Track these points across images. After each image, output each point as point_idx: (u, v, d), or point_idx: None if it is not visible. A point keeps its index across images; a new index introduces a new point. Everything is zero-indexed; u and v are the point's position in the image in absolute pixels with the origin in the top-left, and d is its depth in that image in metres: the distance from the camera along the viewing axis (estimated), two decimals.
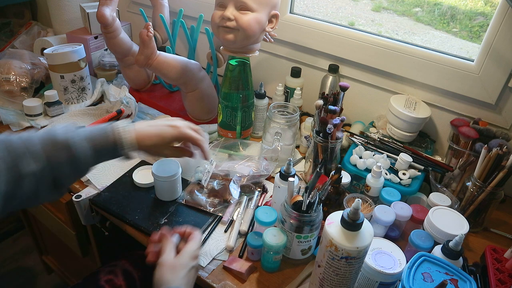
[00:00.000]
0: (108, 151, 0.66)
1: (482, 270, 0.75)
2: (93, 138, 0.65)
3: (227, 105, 0.98)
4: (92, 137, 0.65)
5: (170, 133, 0.71)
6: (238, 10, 0.85)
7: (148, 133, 0.69)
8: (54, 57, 1.10)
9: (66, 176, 0.63)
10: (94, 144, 0.64)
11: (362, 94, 1.15)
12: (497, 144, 0.80)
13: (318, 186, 0.71)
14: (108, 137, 0.66)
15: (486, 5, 1.03)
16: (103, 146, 0.65)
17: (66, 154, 0.61)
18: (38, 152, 0.60)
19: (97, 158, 0.66)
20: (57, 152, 0.61)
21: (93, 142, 0.64)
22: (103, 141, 0.65)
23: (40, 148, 0.60)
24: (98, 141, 0.65)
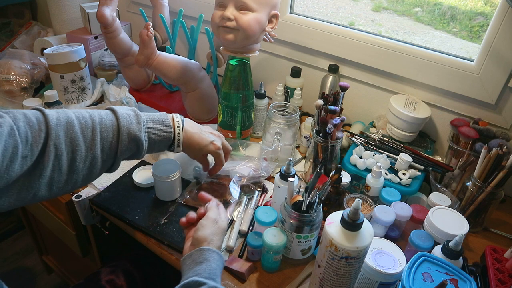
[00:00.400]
0: (163, 145, 0.73)
1: (482, 270, 0.75)
2: (153, 130, 0.70)
3: (227, 105, 0.98)
4: (152, 129, 0.70)
5: (209, 148, 0.80)
6: (238, 10, 0.85)
7: (193, 139, 0.77)
8: (54, 57, 1.10)
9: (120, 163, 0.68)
10: (152, 137, 0.70)
11: (362, 94, 1.15)
12: (497, 144, 0.80)
13: (318, 186, 0.71)
14: (167, 133, 0.72)
15: (486, 5, 1.03)
16: (161, 140, 0.71)
17: (132, 147, 0.67)
18: (111, 141, 0.64)
19: (151, 149, 0.71)
20: (126, 145, 0.66)
21: (151, 134, 0.70)
22: (161, 135, 0.71)
23: (112, 137, 0.64)
24: (156, 133, 0.70)
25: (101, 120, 0.63)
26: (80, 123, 0.61)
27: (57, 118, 0.59)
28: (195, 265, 0.60)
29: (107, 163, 0.65)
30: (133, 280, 0.89)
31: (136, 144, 0.67)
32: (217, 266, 0.61)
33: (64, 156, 0.58)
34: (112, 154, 0.65)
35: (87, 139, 0.61)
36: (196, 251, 0.62)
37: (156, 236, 0.78)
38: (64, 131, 0.59)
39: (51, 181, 0.58)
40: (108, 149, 0.64)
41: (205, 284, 0.56)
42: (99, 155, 0.62)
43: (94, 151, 0.61)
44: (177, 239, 0.77)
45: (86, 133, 0.61)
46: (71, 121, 0.60)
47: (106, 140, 0.63)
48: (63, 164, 0.58)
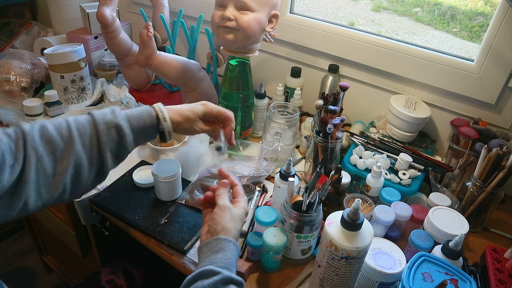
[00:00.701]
0: (149, 129, 0.67)
1: (482, 270, 0.75)
2: (132, 116, 0.66)
3: (227, 105, 0.98)
4: (131, 115, 0.66)
5: (201, 108, 0.73)
6: (238, 10, 0.85)
7: (180, 109, 0.71)
8: (54, 57, 1.10)
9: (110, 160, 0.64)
10: (134, 123, 0.66)
11: (362, 94, 1.15)
12: (497, 144, 0.80)
13: (318, 186, 0.71)
14: (148, 112, 0.68)
15: (486, 5, 1.03)
16: (144, 123, 0.67)
17: (114, 134, 0.64)
18: (90, 134, 0.62)
19: (138, 135, 0.67)
20: (106, 134, 0.63)
21: (132, 120, 0.66)
22: (142, 118, 0.67)
23: (89, 131, 0.62)
24: (137, 118, 0.67)
25: (75, 119, 0.63)
26: (54, 125, 0.61)
27: (31, 125, 0.61)
28: (211, 254, 0.60)
29: (93, 161, 0.62)
30: (133, 280, 0.89)
31: (117, 130, 0.64)
32: (233, 256, 0.61)
33: (45, 158, 0.58)
34: (95, 149, 0.62)
35: (64, 137, 0.60)
36: (213, 240, 0.62)
37: (156, 236, 0.78)
38: (39, 133, 0.59)
39: (38, 185, 0.57)
40: (89, 144, 0.62)
41: (220, 273, 0.56)
42: (82, 151, 0.60)
43: (75, 147, 0.60)
44: (177, 239, 0.77)
45: (62, 132, 0.61)
46: (44, 125, 0.61)
47: (85, 135, 0.62)
48: (47, 167, 0.58)
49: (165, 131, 0.68)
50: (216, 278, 0.56)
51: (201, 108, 0.73)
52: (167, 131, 0.68)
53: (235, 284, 0.57)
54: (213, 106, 0.74)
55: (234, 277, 0.58)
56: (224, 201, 0.67)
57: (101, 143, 0.62)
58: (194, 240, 0.78)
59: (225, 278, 0.56)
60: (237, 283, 0.58)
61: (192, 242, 0.77)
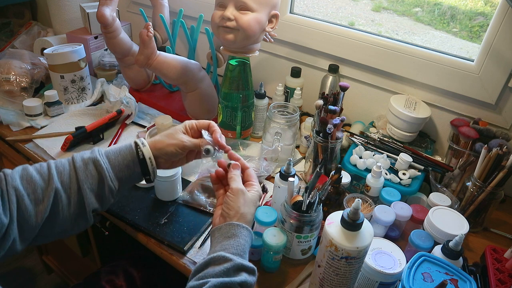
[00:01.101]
0: (130, 163, 0.66)
1: (482, 270, 0.75)
2: (110, 151, 0.66)
3: (227, 105, 0.98)
4: (109, 150, 0.66)
5: (179, 125, 0.71)
6: (238, 10, 0.85)
7: (160, 138, 0.69)
8: (54, 57, 1.10)
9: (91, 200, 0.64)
10: (112, 157, 0.65)
11: (362, 94, 1.15)
12: (497, 144, 0.80)
13: (318, 186, 0.71)
14: (127, 145, 0.67)
15: (486, 5, 1.03)
16: (123, 156, 0.66)
17: (92, 171, 0.63)
18: (69, 172, 0.63)
19: (120, 171, 0.65)
20: (84, 171, 0.63)
21: (110, 154, 0.66)
22: (121, 151, 0.66)
23: (68, 169, 0.63)
24: (115, 153, 0.66)
25: (57, 161, 0.64)
26: (35, 167, 0.63)
27: (12, 169, 0.62)
28: (223, 239, 0.60)
29: (73, 199, 0.62)
30: (133, 280, 0.89)
31: (94, 165, 0.63)
32: (246, 242, 0.60)
33: (26, 197, 0.58)
34: (75, 186, 0.62)
35: (44, 176, 0.61)
36: (226, 225, 0.61)
37: (156, 236, 0.78)
38: (20, 174, 0.60)
39: (21, 224, 0.58)
40: (68, 181, 0.62)
41: (231, 260, 0.56)
42: (60, 189, 0.61)
43: (53, 185, 0.60)
44: (177, 239, 0.77)
45: (42, 171, 0.62)
46: (26, 167, 0.62)
47: (64, 173, 0.62)
48: (28, 206, 0.58)
49: (146, 158, 0.66)
50: (227, 265, 0.55)
51: (180, 125, 0.72)
52: (147, 157, 0.66)
53: (247, 272, 0.57)
54: (192, 120, 0.73)
55: (246, 264, 0.57)
56: (237, 184, 0.65)
57: (79, 180, 0.62)
58: (194, 240, 0.78)
59: (236, 265, 0.56)
60: (249, 270, 0.57)
61: (192, 242, 0.77)
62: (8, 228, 0.56)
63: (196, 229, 0.80)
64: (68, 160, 0.64)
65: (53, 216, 0.61)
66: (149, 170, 0.67)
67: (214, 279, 0.54)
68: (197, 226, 0.80)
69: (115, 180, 0.65)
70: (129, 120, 1.12)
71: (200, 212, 0.84)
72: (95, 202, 0.64)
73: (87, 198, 0.62)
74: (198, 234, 0.79)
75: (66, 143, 0.96)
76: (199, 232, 0.79)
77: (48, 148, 0.99)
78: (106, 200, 0.65)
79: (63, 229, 0.62)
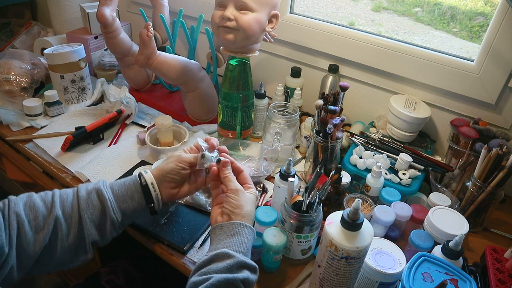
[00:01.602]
0: (135, 194, 0.66)
1: (482, 270, 0.75)
2: (115, 182, 0.67)
3: (227, 105, 0.98)
4: (114, 182, 0.67)
5: (182, 151, 0.72)
6: (238, 10, 0.85)
7: (162, 165, 0.70)
8: (54, 57, 1.10)
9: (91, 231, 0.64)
10: (116, 188, 0.66)
11: (362, 94, 1.15)
12: (497, 144, 0.80)
13: (318, 186, 0.71)
14: (132, 177, 0.68)
15: (486, 5, 1.03)
16: (127, 187, 0.66)
17: (94, 201, 0.64)
18: (72, 202, 0.63)
19: (123, 202, 0.66)
20: (86, 200, 0.63)
21: (114, 185, 0.67)
22: (125, 183, 0.67)
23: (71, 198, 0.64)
24: (119, 184, 0.67)
25: (61, 190, 0.65)
26: (40, 194, 0.63)
27: (18, 195, 0.62)
28: (226, 237, 0.60)
29: (73, 229, 0.62)
30: (132, 280, 0.89)
31: (97, 195, 0.64)
32: (248, 241, 0.61)
33: (26, 224, 0.58)
34: (76, 216, 0.62)
35: (47, 204, 0.61)
36: (228, 224, 0.62)
37: (156, 236, 0.78)
38: (24, 201, 0.61)
39: (20, 252, 0.58)
40: (69, 210, 0.62)
41: (234, 257, 0.57)
42: (61, 217, 0.61)
43: (55, 213, 0.60)
44: (177, 239, 0.77)
45: (46, 199, 0.62)
46: (31, 194, 0.63)
47: (66, 202, 0.62)
48: (28, 233, 0.58)
49: (148, 183, 0.67)
50: (230, 262, 0.56)
51: (184, 149, 0.73)
52: (149, 182, 0.67)
53: (249, 269, 0.57)
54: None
55: (248, 262, 0.58)
56: (235, 184, 0.66)
57: (80, 209, 0.62)
58: (194, 240, 0.78)
59: (239, 263, 0.57)
60: (251, 268, 0.58)
61: (192, 242, 0.77)
62: (7, 255, 0.56)
63: (196, 229, 0.80)
64: (73, 189, 0.65)
65: (53, 245, 0.60)
66: (153, 198, 0.67)
67: (218, 275, 0.54)
68: (197, 226, 0.80)
69: (118, 211, 0.65)
70: (129, 120, 1.12)
71: (200, 212, 0.84)
72: (95, 234, 0.63)
73: (86, 229, 0.62)
74: (198, 234, 0.79)
75: (66, 143, 0.96)
76: (199, 232, 0.79)
77: (48, 148, 0.99)
78: (107, 232, 0.65)
79: (62, 260, 0.62)
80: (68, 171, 0.94)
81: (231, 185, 0.66)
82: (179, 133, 1.03)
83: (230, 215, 0.63)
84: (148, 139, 0.98)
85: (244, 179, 0.70)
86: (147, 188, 0.67)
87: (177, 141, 1.03)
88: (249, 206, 0.65)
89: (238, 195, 0.64)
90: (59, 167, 0.95)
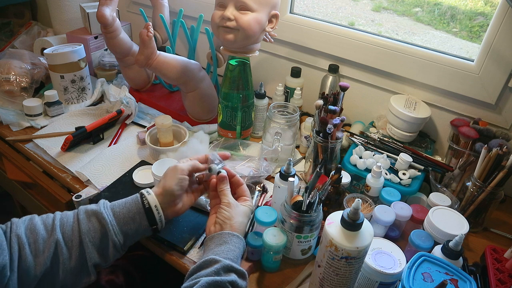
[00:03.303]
0: (132, 211, 0.67)
1: (482, 270, 0.75)
2: (116, 204, 0.68)
3: (227, 105, 0.98)
4: (115, 203, 0.68)
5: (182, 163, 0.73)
6: (238, 10, 0.85)
7: (164, 178, 0.71)
8: (54, 57, 1.10)
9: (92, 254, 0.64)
10: (117, 210, 0.66)
11: (362, 94, 1.15)
12: (497, 144, 0.80)
13: (318, 186, 0.71)
14: (133, 197, 0.69)
15: (486, 5, 1.03)
16: (129, 208, 0.67)
17: (95, 224, 0.64)
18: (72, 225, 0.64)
19: (125, 224, 0.66)
20: (87, 223, 0.64)
21: (115, 207, 0.67)
22: (127, 204, 0.68)
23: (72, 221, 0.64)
24: (121, 205, 0.67)
25: (62, 212, 0.65)
26: (42, 217, 0.63)
27: (20, 218, 0.62)
28: (215, 247, 0.64)
29: (74, 252, 0.62)
30: (132, 280, 0.89)
31: (97, 218, 0.64)
32: (236, 248, 0.64)
33: (27, 247, 0.59)
34: (77, 239, 0.62)
35: (48, 227, 0.62)
36: (217, 235, 0.65)
37: (156, 236, 0.78)
38: (25, 224, 0.61)
39: (21, 275, 0.58)
40: (70, 233, 0.62)
41: (221, 261, 0.59)
42: (61, 241, 0.61)
43: (55, 236, 0.60)
44: (177, 239, 0.77)
45: (47, 222, 0.62)
46: (33, 217, 0.63)
47: (67, 225, 0.62)
48: (28, 256, 0.58)
49: (151, 206, 0.67)
50: (217, 266, 0.59)
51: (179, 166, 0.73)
52: (153, 205, 0.67)
53: (236, 273, 0.60)
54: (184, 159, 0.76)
55: (235, 266, 0.60)
56: (228, 198, 0.70)
57: (81, 233, 0.62)
58: (194, 240, 0.78)
59: (226, 266, 0.59)
60: (238, 272, 0.60)
61: (192, 242, 0.77)
62: (9, 278, 0.56)
63: (196, 229, 0.80)
64: (73, 212, 0.65)
65: (54, 268, 0.60)
66: (156, 220, 0.68)
67: (205, 277, 0.57)
68: (197, 226, 0.80)
69: (120, 234, 0.65)
70: (129, 120, 1.12)
71: (200, 212, 0.84)
72: (97, 257, 0.63)
73: (88, 252, 0.62)
74: (198, 234, 0.79)
75: (66, 143, 0.96)
76: (199, 232, 0.79)
77: (48, 148, 0.99)
78: (110, 255, 0.64)
79: (65, 283, 0.62)
80: (68, 171, 0.94)
81: (225, 199, 0.70)
82: (179, 133, 1.03)
83: (222, 225, 0.67)
84: (148, 139, 0.98)
85: (242, 192, 0.74)
86: (150, 210, 0.67)
87: (177, 141, 1.02)
88: (241, 217, 0.68)
89: (230, 207, 0.68)
90: (59, 167, 0.95)
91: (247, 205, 0.72)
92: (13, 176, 1.07)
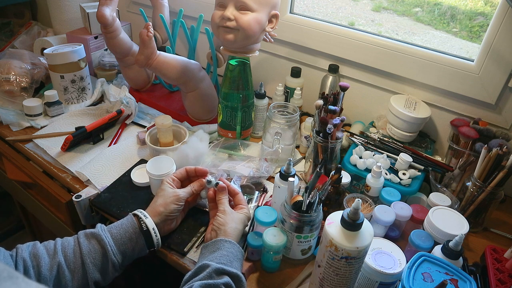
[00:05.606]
0: (129, 232, 0.69)
1: (482, 270, 0.75)
2: (113, 226, 0.70)
3: (227, 105, 0.98)
4: (112, 225, 0.70)
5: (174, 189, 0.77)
6: (238, 10, 0.85)
7: (155, 201, 0.75)
8: (54, 57, 1.10)
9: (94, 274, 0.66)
10: (114, 231, 0.69)
11: (362, 94, 1.15)
12: (497, 144, 0.80)
13: (318, 186, 0.71)
14: (129, 218, 0.71)
15: (486, 5, 1.03)
16: (125, 230, 0.69)
17: (95, 245, 0.67)
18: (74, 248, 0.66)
19: (121, 244, 0.68)
20: (87, 245, 0.66)
21: (112, 229, 0.69)
22: (123, 225, 0.70)
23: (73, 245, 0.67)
24: (117, 227, 0.70)
25: (63, 238, 0.67)
26: (44, 243, 0.66)
27: (25, 243, 0.65)
28: (208, 254, 0.67)
29: (76, 274, 0.64)
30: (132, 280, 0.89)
31: (97, 240, 0.67)
32: (229, 253, 0.66)
33: (31, 269, 0.61)
34: (79, 261, 0.64)
35: (50, 251, 0.64)
36: (211, 242, 0.68)
37: None
38: (29, 249, 0.64)
39: None
40: (72, 255, 0.65)
41: (212, 265, 0.62)
42: (63, 263, 0.63)
43: (57, 259, 0.63)
44: (177, 240, 0.77)
45: (49, 247, 0.65)
46: (36, 243, 0.66)
47: (68, 248, 0.65)
48: (32, 279, 0.60)
49: (150, 229, 0.70)
50: (209, 270, 0.61)
51: (163, 185, 0.77)
52: (151, 228, 0.70)
53: (229, 276, 0.61)
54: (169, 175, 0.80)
55: (226, 269, 0.62)
56: (224, 206, 0.74)
57: (83, 254, 0.65)
58: (194, 241, 0.78)
59: (218, 269, 0.61)
60: (231, 274, 0.61)
61: (192, 243, 0.77)
62: None
63: (196, 229, 0.80)
64: (73, 237, 0.68)
65: None
66: (154, 242, 0.71)
67: (198, 281, 0.59)
68: (197, 227, 0.80)
69: (118, 254, 0.68)
70: (129, 120, 1.12)
71: (200, 212, 0.84)
72: (98, 276, 0.66)
73: (89, 273, 0.65)
74: (198, 235, 0.79)
75: (66, 143, 0.96)
76: (199, 233, 0.79)
77: (48, 148, 0.99)
78: (109, 274, 0.67)
79: None
80: (68, 171, 0.94)
81: (221, 207, 0.74)
82: (179, 133, 1.03)
83: (217, 231, 0.70)
84: (148, 139, 0.98)
85: (239, 201, 0.78)
86: (149, 233, 0.70)
87: (177, 141, 1.02)
88: (235, 224, 0.71)
89: (225, 214, 0.72)
90: (59, 167, 0.95)
91: (243, 213, 0.75)
92: (13, 176, 1.07)
